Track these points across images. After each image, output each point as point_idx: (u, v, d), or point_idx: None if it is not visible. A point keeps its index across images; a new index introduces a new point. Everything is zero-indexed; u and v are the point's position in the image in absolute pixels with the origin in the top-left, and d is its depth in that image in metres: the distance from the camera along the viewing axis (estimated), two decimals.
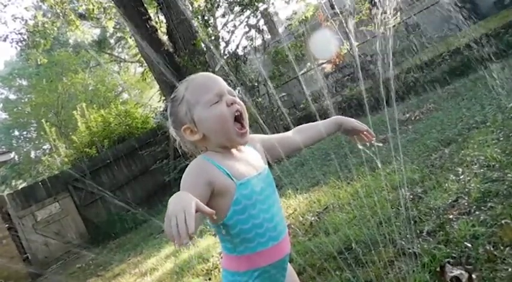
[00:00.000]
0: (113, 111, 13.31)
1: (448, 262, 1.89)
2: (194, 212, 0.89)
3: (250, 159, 1.28)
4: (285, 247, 1.27)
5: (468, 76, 6.19)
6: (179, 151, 1.36)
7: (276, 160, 1.44)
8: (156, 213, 9.00)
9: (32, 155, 27.40)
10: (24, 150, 27.44)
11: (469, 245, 1.94)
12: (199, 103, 1.22)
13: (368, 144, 1.55)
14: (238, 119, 1.24)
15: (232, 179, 1.17)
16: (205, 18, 10.43)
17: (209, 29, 10.69)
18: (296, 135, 1.47)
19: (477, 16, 9.28)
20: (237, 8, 10.43)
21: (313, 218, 3.39)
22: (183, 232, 0.86)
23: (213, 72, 6.98)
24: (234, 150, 1.27)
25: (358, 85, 8.21)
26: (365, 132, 1.52)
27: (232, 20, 12.76)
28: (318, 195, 3.93)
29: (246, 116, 1.26)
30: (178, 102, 1.26)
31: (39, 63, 15.07)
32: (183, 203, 0.92)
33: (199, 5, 11.17)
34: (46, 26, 11.89)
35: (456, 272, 1.75)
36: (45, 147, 26.07)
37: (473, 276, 1.69)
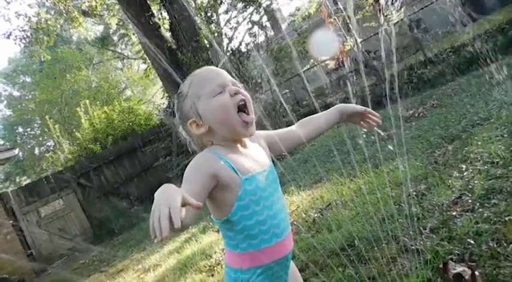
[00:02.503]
0: (116, 108, 13.35)
1: (451, 259, 1.88)
2: (180, 205, 0.86)
3: (255, 156, 1.27)
4: (288, 244, 1.27)
5: (472, 72, 6.15)
6: (184, 147, 1.35)
7: (280, 155, 1.44)
8: None
9: (36, 151, 27.56)
10: (28, 146, 27.58)
11: (472, 241, 1.93)
12: (202, 95, 1.22)
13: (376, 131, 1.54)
14: (243, 109, 1.23)
15: (237, 173, 1.16)
16: (208, 14, 10.42)
17: (212, 25, 10.67)
18: (300, 129, 1.47)
19: (481, 12, 9.22)
20: (240, 5, 10.43)
21: (316, 215, 3.39)
22: (164, 229, 0.83)
23: None
24: (239, 146, 1.26)
25: (361, 82, 8.18)
26: (368, 114, 1.51)
27: (235, 17, 12.75)
28: (321, 192, 3.93)
29: (251, 106, 1.25)
30: (183, 97, 1.26)
31: (42, 60, 15.09)
32: (168, 197, 0.88)
33: (202, 2, 11.14)
34: (49, 23, 11.90)
35: (459, 268, 1.75)
36: (49, 143, 26.20)
37: (476, 273, 1.69)
